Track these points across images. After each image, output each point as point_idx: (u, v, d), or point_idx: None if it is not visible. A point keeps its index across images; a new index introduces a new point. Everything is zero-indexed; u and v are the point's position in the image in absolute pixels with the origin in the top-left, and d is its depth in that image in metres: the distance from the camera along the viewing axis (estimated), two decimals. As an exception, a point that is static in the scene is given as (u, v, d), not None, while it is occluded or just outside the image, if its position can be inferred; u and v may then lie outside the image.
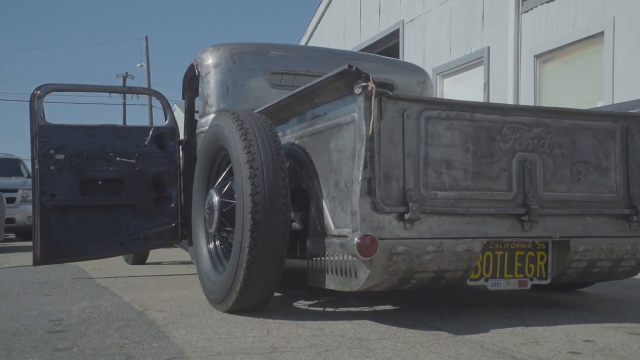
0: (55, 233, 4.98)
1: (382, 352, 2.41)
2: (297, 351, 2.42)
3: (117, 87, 5.38)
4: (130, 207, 5.20)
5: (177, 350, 2.40)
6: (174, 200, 5.26)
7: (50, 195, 4.95)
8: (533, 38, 8.44)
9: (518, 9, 8.61)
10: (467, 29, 9.47)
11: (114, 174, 5.13)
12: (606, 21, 7.60)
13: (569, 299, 3.75)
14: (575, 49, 7.99)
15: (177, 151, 5.30)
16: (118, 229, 5.16)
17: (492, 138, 2.91)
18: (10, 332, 2.76)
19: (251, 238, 2.95)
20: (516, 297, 3.81)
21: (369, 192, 2.69)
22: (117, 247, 5.18)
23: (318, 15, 13.92)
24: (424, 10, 10.34)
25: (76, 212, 5.07)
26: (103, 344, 2.51)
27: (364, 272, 2.73)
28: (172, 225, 5.27)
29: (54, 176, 4.97)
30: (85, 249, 5.08)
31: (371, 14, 11.89)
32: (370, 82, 2.67)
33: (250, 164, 3.01)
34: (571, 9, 8.01)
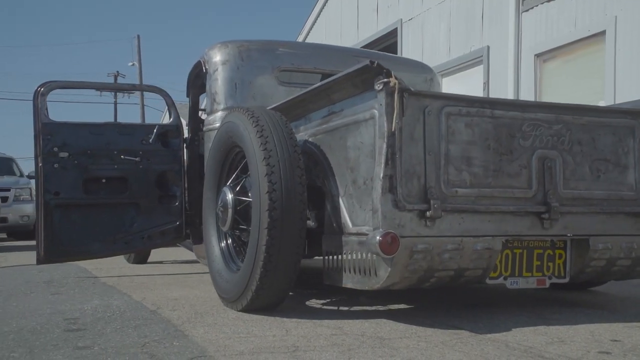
0: (59, 232, 4.93)
1: (406, 351, 2.37)
2: (320, 350, 2.39)
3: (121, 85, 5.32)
4: (135, 206, 5.16)
5: (200, 349, 2.36)
6: (179, 199, 5.23)
7: (54, 194, 4.90)
8: (533, 37, 8.43)
9: (518, 8, 8.60)
10: (466, 28, 9.46)
11: (118, 172, 5.08)
12: (608, 20, 7.60)
13: (584, 298, 3.74)
14: (577, 48, 7.98)
15: (181, 149, 5.26)
16: (122, 227, 5.11)
17: (512, 135, 2.89)
18: (28, 330, 2.72)
19: (268, 236, 2.92)
20: (531, 296, 3.79)
21: (390, 190, 2.66)
22: (121, 245, 5.14)
23: (315, 13, 13.87)
24: (422, 9, 10.32)
25: (80, 210, 5.02)
26: (123, 342, 2.47)
27: (385, 270, 2.69)
28: (177, 223, 5.23)
29: (58, 174, 4.92)
30: (89, 247, 5.03)
31: (369, 13, 11.86)
32: (392, 78, 2.64)
33: (267, 161, 2.97)
34: (572, 8, 8.01)
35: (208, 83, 4.44)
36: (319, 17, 13.87)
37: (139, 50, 30.47)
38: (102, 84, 5.48)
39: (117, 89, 5.50)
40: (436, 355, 2.31)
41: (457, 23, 9.67)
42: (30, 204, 11.59)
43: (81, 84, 5.32)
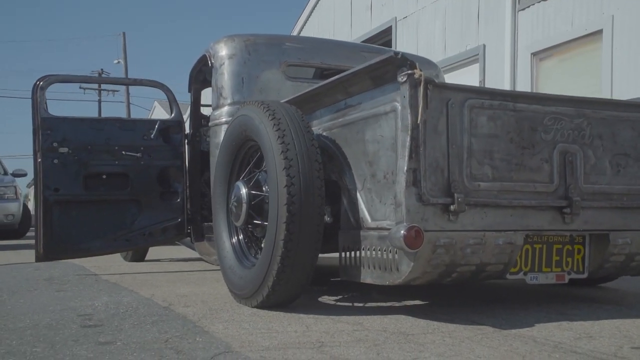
0: (59, 228, 4.86)
1: (434, 347, 2.34)
2: (346, 346, 2.35)
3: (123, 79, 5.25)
4: (136, 202, 5.09)
5: (225, 345, 2.31)
6: (180, 195, 5.16)
7: (53, 190, 4.82)
8: (530, 36, 8.44)
9: (514, 7, 8.61)
10: (461, 26, 9.46)
11: (118, 168, 5.01)
12: (605, 19, 7.63)
13: (597, 294, 3.72)
14: (573, 46, 8.01)
15: (183, 145, 5.19)
16: (123, 224, 5.04)
17: (534, 129, 2.86)
18: (43, 326, 2.65)
19: (286, 230, 2.87)
20: (544, 292, 3.78)
21: (414, 183, 2.62)
22: (122, 243, 5.07)
23: (307, 11, 13.82)
24: (417, 8, 10.32)
25: (80, 207, 4.95)
26: (144, 338, 2.41)
27: (407, 265, 2.66)
28: (178, 220, 5.17)
29: (58, 170, 4.84)
30: (89, 245, 4.95)
31: (362, 11, 11.84)
32: (417, 70, 2.60)
33: (284, 154, 2.92)
34: (569, 6, 8.03)
35: (214, 77, 4.38)
36: (312, 15, 13.83)
37: (124, 47, 30.27)
38: (103, 78, 5.44)
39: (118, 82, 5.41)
40: (465, 351, 2.27)
41: (452, 22, 9.67)
42: (15, 202, 11.44)
43: (81, 78, 5.24)
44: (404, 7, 10.64)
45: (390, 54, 2.64)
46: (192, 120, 5.32)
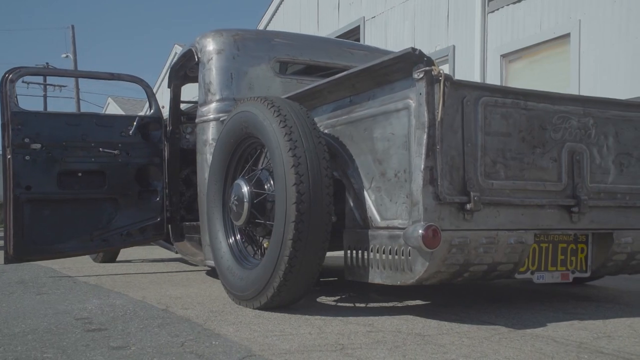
0: (31, 229, 4.66)
1: (456, 348, 2.30)
2: (367, 348, 2.29)
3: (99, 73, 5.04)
4: (113, 201, 4.93)
5: (245, 349, 2.22)
6: (159, 194, 5.02)
7: (25, 188, 4.62)
8: (499, 38, 8.54)
9: (484, 9, 8.70)
10: (431, 27, 9.51)
11: (95, 166, 4.85)
12: (572, 23, 7.77)
13: (590, 292, 3.76)
14: (542, 49, 8.13)
15: (162, 142, 5.06)
16: (99, 224, 4.88)
17: (544, 127, 2.86)
18: (43, 330, 2.51)
19: (295, 230, 2.80)
20: (537, 290, 3.79)
21: (430, 182, 2.58)
22: (98, 243, 4.90)
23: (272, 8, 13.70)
24: (386, 8, 10.33)
25: (54, 206, 4.76)
26: (158, 342, 2.30)
27: (421, 265, 2.61)
28: (157, 220, 5.03)
29: (30, 167, 4.65)
30: (63, 245, 4.77)
31: (330, 9, 11.79)
32: (435, 67, 2.57)
33: (293, 152, 2.85)
34: (537, 11, 8.15)
35: (201, 73, 4.26)
36: (277, 12, 13.72)
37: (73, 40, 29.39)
38: (78, 72, 5.22)
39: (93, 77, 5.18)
40: (490, 352, 2.24)
41: (421, 22, 9.71)
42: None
43: (55, 72, 5.04)
44: (373, 7, 10.64)
45: (407, 50, 2.59)
46: (171, 117, 5.18)
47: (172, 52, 21.03)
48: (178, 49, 20.54)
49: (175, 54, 20.70)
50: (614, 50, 7.39)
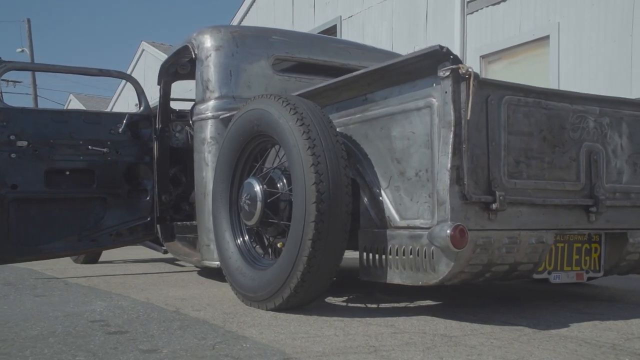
0: (17, 229, 4.51)
1: (488, 350, 2.27)
2: (401, 350, 2.25)
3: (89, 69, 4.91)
4: (102, 200, 4.81)
5: (280, 352, 2.16)
6: (149, 193, 4.91)
7: (11, 187, 4.47)
8: (479, 39, 8.61)
9: (463, 10, 8.76)
10: (409, 27, 9.54)
11: (83, 164, 4.72)
12: (551, 26, 7.87)
13: (593, 291, 3.79)
14: (521, 50, 8.22)
15: (152, 140, 4.95)
16: (88, 224, 4.75)
17: (563, 127, 2.86)
18: (61, 333, 2.41)
19: (315, 230, 2.74)
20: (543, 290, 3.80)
21: (457, 181, 2.56)
22: (87, 244, 4.77)
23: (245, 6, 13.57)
24: (363, 7, 10.32)
25: (41, 205, 4.62)
26: (187, 345, 2.23)
27: (446, 265, 2.59)
28: (147, 220, 4.92)
29: (15, 165, 4.50)
30: (51, 246, 4.63)
31: (305, 8, 11.74)
32: (462, 65, 2.54)
33: (312, 150, 2.80)
34: (517, 13, 8.24)
35: (199, 70, 4.17)
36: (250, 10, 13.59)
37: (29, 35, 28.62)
38: (67, 67, 5.06)
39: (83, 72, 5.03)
40: (525, 354, 2.22)
41: (399, 22, 9.73)
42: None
43: (42, 67, 4.88)
44: (349, 7, 10.63)
45: (435, 47, 2.56)
46: (160, 115, 5.07)
47: (139, 49, 20.69)
48: (145, 46, 20.22)
49: (142, 51, 20.36)
50: (593, 52, 7.50)
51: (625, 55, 7.26)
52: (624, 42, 7.28)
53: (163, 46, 20.32)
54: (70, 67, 4.95)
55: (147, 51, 20.06)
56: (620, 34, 7.30)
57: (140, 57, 20.52)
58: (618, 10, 7.33)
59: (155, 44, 20.43)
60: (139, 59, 20.58)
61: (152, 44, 20.29)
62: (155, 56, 19.24)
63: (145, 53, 20.21)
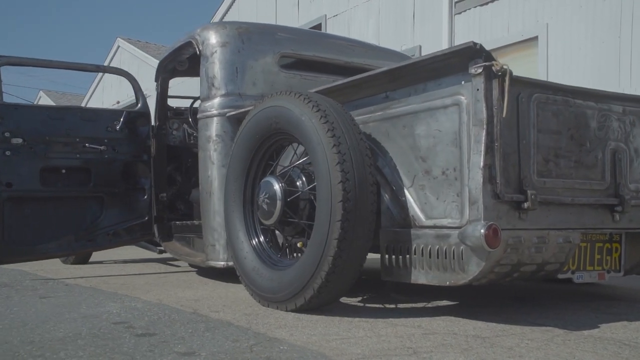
0: (11, 228, 4.38)
1: (527, 352, 2.24)
2: (440, 352, 2.21)
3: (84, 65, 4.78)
4: (99, 200, 4.70)
5: (321, 355, 2.11)
6: (147, 192, 4.81)
7: (5, 185, 4.35)
8: (467, 39, 8.60)
9: (451, 11, 8.76)
10: (396, 27, 9.52)
11: (80, 162, 4.61)
12: (540, 27, 7.91)
13: (604, 290, 3.79)
14: (510, 51, 8.24)
15: (150, 138, 4.85)
16: (84, 223, 4.64)
17: (590, 125, 2.85)
18: (88, 335, 2.32)
19: (341, 229, 2.69)
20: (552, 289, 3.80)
21: (489, 180, 2.52)
22: (84, 244, 4.66)
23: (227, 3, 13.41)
24: (349, 6, 10.28)
25: (36, 204, 4.50)
26: (222, 347, 2.16)
27: (476, 265, 2.55)
28: (145, 219, 4.82)
29: (10, 163, 4.37)
30: (46, 246, 4.51)
31: (289, 6, 11.65)
32: (496, 62, 2.51)
33: (337, 148, 2.74)
34: (505, 14, 8.27)
35: (203, 66, 4.09)
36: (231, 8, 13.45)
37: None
38: (63, 63, 4.91)
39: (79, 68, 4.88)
40: (567, 356, 2.19)
41: (386, 21, 9.71)
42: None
43: (37, 62, 4.74)
44: (335, 5, 10.57)
45: (468, 44, 2.52)
46: (157, 112, 4.98)
47: (114, 45, 20.36)
48: (121, 43, 19.90)
49: (118, 48, 20.03)
50: (582, 53, 7.56)
51: (613, 56, 7.33)
52: (612, 44, 7.34)
53: (139, 43, 20.04)
54: (66, 63, 4.82)
55: (123, 48, 19.75)
56: (608, 35, 7.36)
57: (115, 54, 20.20)
58: (606, 12, 7.40)
59: (132, 40, 20.11)
60: (114, 55, 20.25)
61: (128, 40, 19.98)
62: (131, 53, 18.97)
63: (121, 50, 19.89)
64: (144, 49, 19.31)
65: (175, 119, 5.15)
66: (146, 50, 19.16)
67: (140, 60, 17.92)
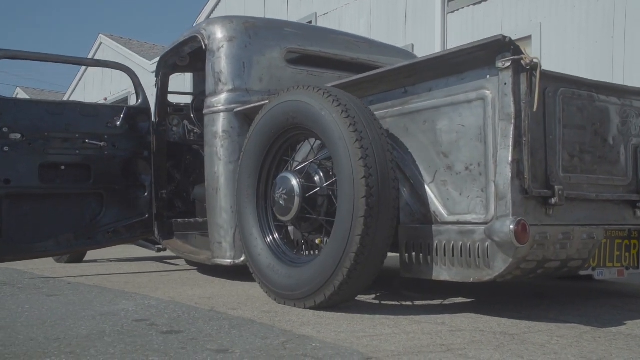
0: (9, 226, 4.29)
1: (561, 349, 2.21)
2: (474, 349, 2.17)
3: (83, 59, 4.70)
4: (98, 197, 4.62)
5: (357, 352, 2.06)
6: (148, 189, 4.74)
7: (3, 182, 4.25)
8: (460, 37, 8.62)
9: (444, 9, 8.76)
10: (388, 25, 9.50)
11: (79, 158, 4.52)
12: (533, 26, 7.94)
13: (610, 287, 3.79)
14: (503, 50, 8.26)
15: (150, 134, 4.77)
16: (84, 221, 4.54)
17: (613, 121, 2.84)
18: (114, 333, 2.25)
19: (364, 225, 2.64)
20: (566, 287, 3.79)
21: (517, 175, 2.49)
22: (84, 242, 4.57)
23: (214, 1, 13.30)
24: (340, 4, 10.24)
25: (34, 201, 4.41)
26: (254, 344, 2.10)
27: (503, 261, 2.52)
28: (146, 216, 4.74)
29: (8, 159, 4.27)
30: (44, 244, 4.42)
31: (278, 3, 11.57)
32: (525, 55, 2.48)
33: (360, 143, 2.70)
34: (498, 13, 8.28)
35: (210, 61, 4.02)
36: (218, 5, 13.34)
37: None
38: (61, 57, 4.83)
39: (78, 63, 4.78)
40: (602, 353, 2.16)
41: (378, 20, 9.69)
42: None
43: (35, 56, 4.64)
44: (325, 3, 10.52)
45: (497, 37, 2.49)
46: (158, 108, 4.90)
47: (96, 42, 20.10)
48: (103, 39, 19.65)
49: (100, 44, 19.77)
50: (575, 53, 7.60)
51: (606, 56, 7.38)
52: (605, 44, 7.39)
53: (122, 40, 19.82)
54: (65, 57, 4.72)
55: (105, 44, 19.49)
56: (601, 35, 7.41)
57: (97, 50, 19.94)
58: (599, 12, 7.44)
59: (114, 37, 19.88)
60: (96, 52, 19.99)
61: (111, 36, 19.74)
62: (114, 49, 18.74)
63: (103, 46, 19.63)
64: (127, 45, 19.10)
65: (174, 115, 5.07)
66: (129, 47, 18.96)
67: (124, 57, 17.70)
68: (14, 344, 2.09)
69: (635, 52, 7.17)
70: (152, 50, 19.21)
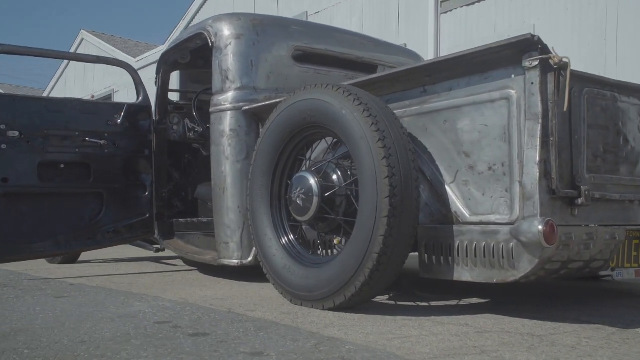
0: (7, 226, 4.18)
1: (594, 351, 2.20)
2: (508, 351, 2.15)
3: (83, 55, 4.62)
4: (98, 196, 4.52)
5: (392, 355, 2.02)
6: (148, 189, 4.66)
7: (1, 180, 4.14)
8: (453, 38, 8.63)
9: (437, 10, 8.76)
10: (380, 25, 9.48)
11: (79, 157, 4.43)
12: (526, 27, 7.95)
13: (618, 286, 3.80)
14: (496, 51, 8.28)
15: (151, 132, 4.70)
16: (83, 221, 4.45)
17: (634, 121, 2.83)
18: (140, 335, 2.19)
19: (387, 225, 2.61)
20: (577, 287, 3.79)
21: (545, 175, 2.47)
22: (83, 242, 4.48)
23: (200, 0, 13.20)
24: (331, 3, 10.20)
25: (33, 200, 4.31)
26: (287, 347, 2.06)
27: (529, 262, 2.50)
28: (147, 216, 4.66)
29: (6, 157, 4.17)
30: (43, 245, 4.31)
31: (268, 2, 11.50)
32: (554, 55, 2.46)
33: (382, 142, 2.66)
34: (491, 14, 8.30)
35: (216, 59, 3.96)
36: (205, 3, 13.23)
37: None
38: (62, 53, 4.73)
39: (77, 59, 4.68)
40: (635, 355, 2.16)
41: (370, 19, 9.66)
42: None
43: (36, 52, 4.53)
44: (316, 1, 10.48)
45: (526, 36, 2.47)
46: (158, 106, 4.82)
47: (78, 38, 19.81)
48: (85, 35, 19.39)
49: (82, 40, 19.50)
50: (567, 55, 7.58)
51: (599, 58, 7.42)
52: (597, 46, 7.43)
53: (105, 36, 19.59)
54: (65, 53, 4.63)
55: (87, 40, 19.22)
56: (594, 37, 7.45)
57: (79, 47, 19.66)
58: (592, 14, 7.49)
59: (96, 33, 19.63)
60: (78, 48, 19.72)
61: (93, 33, 19.49)
62: (96, 46, 18.49)
63: (85, 42, 19.36)
64: (110, 42, 18.88)
65: (175, 113, 4.99)
66: (112, 43, 18.74)
67: (106, 54, 17.48)
68: (39, 347, 2.03)
69: (627, 54, 7.22)
70: (136, 48, 19.04)
